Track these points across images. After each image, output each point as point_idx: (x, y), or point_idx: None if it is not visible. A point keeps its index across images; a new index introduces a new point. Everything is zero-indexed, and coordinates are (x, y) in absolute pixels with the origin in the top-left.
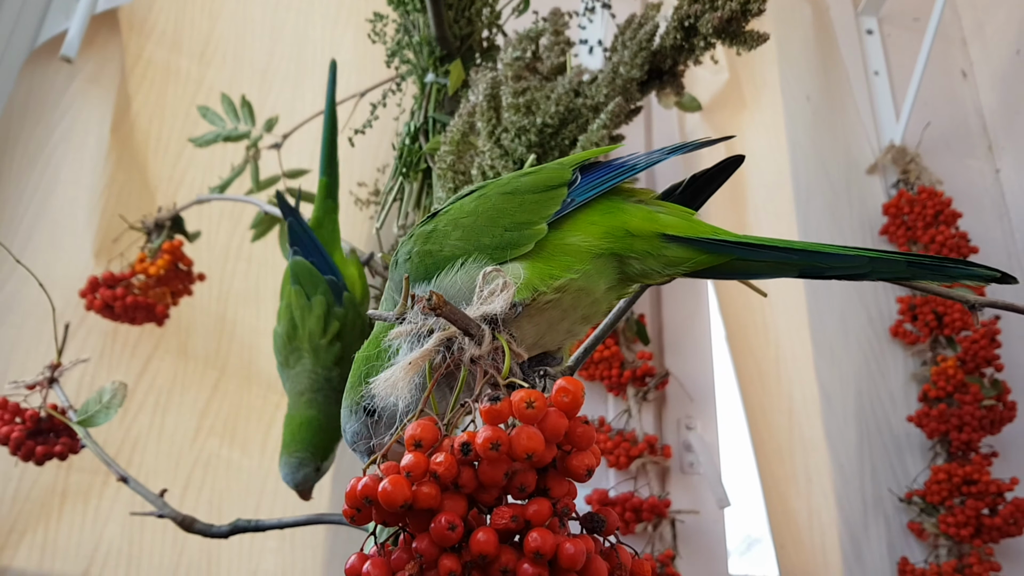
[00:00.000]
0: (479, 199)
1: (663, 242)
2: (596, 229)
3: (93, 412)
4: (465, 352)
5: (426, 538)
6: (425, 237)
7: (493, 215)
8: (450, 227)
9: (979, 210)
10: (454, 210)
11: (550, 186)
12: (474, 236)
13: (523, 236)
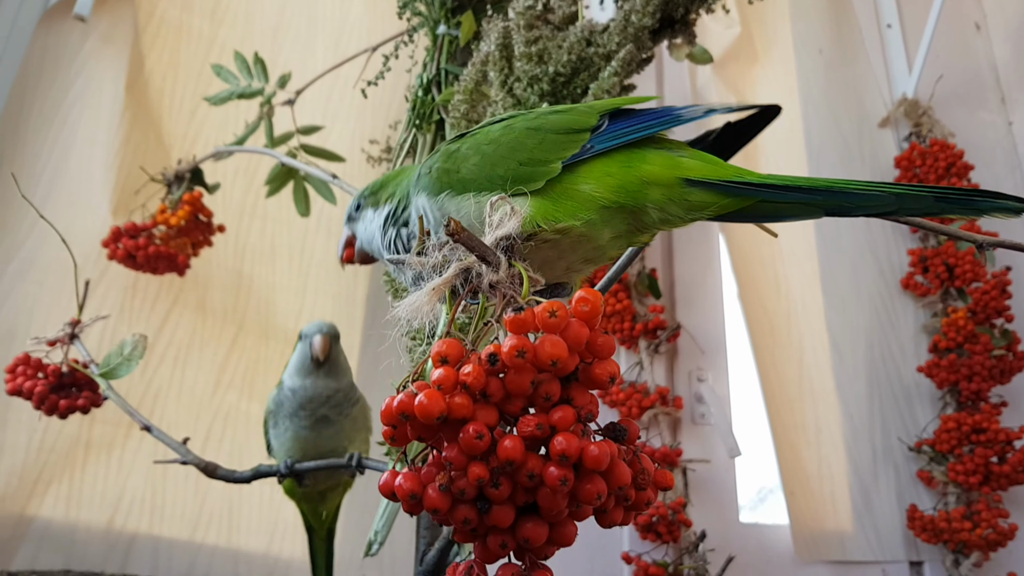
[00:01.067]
0: (504, 129)
1: (686, 187)
2: (610, 181)
3: (115, 365)
4: (483, 278)
5: (455, 448)
6: (448, 155)
7: (513, 147)
8: (471, 151)
9: (991, 163)
10: (480, 135)
11: (573, 128)
12: (489, 165)
13: (535, 173)
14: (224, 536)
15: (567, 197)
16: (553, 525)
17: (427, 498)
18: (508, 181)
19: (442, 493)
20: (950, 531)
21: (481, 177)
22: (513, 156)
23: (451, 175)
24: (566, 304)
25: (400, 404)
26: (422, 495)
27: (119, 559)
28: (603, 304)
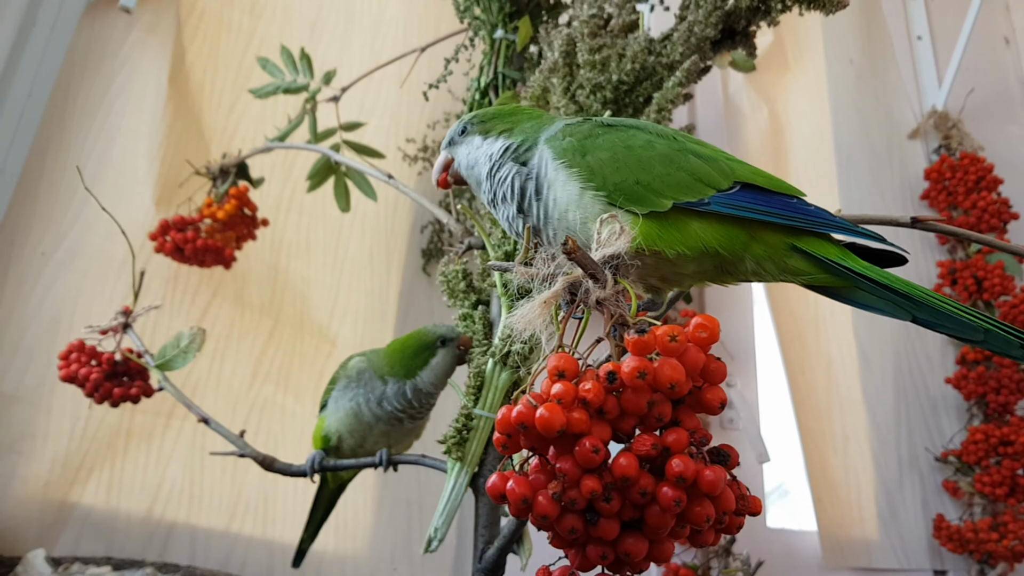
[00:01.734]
0: (646, 144)
1: (790, 252)
2: (721, 229)
3: (171, 356)
4: (591, 295)
5: (569, 460)
6: (586, 135)
7: (642, 164)
8: (605, 146)
9: (1019, 177)
10: (622, 135)
11: (703, 180)
12: (613, 168)
13: (647, 199)
14: (260, 527)
15: (675, 229)
16: (653, 542)
17: (537, 504)
18: (620, 192)
19: (553, 501)
20: (976, 541)
21: (600, 173)
22: (637, 173)
23: (578, 154)
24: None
25: (519, 415)
26: (533, 501)
27: (158, 547)
28: (719, 330)
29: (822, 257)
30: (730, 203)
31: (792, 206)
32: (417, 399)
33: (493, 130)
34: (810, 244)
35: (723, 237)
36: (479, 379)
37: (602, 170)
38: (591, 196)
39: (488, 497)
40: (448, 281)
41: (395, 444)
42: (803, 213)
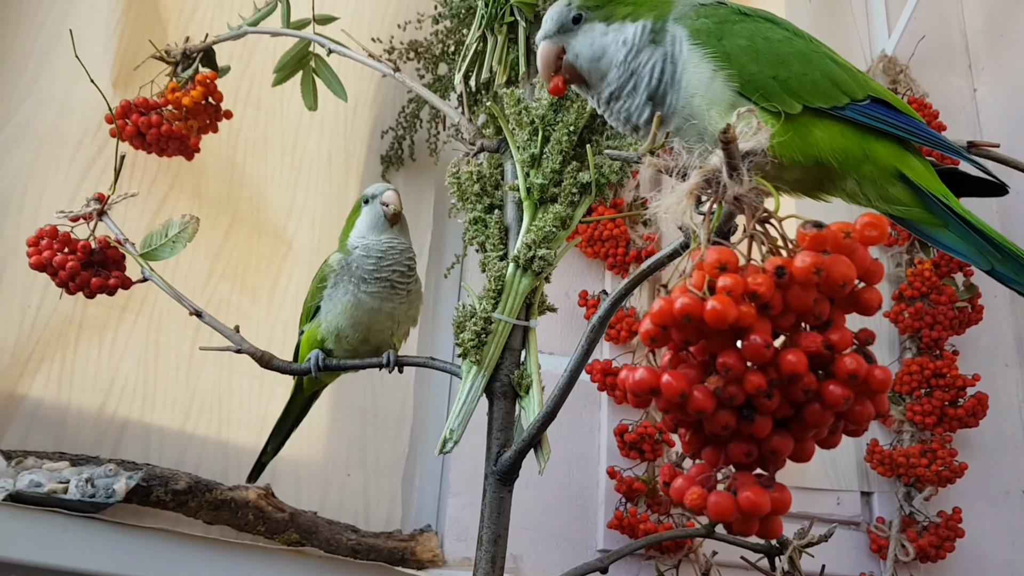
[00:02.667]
0: (785, 39)
1: (896, 180)
2: (841, 141)
3: (158, 245)
4: (729, 190)
5: (734, 354)
6: (721, 19)
7: (781, 59)
8: (743, 33)
9: (956, 126)
10: (760, 25)
11: (840, 87)
12: (751, 58)
13: (780, 98)
14: (215, 427)
15: (797, 133)
16: (798, 440)
17: (693, 399)
18: (753, 84)
19: (712, 396)
20: (907, 466)
21: (737, 60)
22: (775, 67)
23: (714, 37)
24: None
25: (684, 307)
26: (689, 395)
27: (110, 444)
28: (888, 229)
29: (926, 190)
30: (866, 112)
31: (918, 126)
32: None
33: (615, 14)
34: (918, 174)
35: (840, 150)
36: (499, 283)
37: (739, 57)
38: (722, 81)
39: (504, 401)
40: (460, 182)
41: (396, 329)
42: (928, 134)
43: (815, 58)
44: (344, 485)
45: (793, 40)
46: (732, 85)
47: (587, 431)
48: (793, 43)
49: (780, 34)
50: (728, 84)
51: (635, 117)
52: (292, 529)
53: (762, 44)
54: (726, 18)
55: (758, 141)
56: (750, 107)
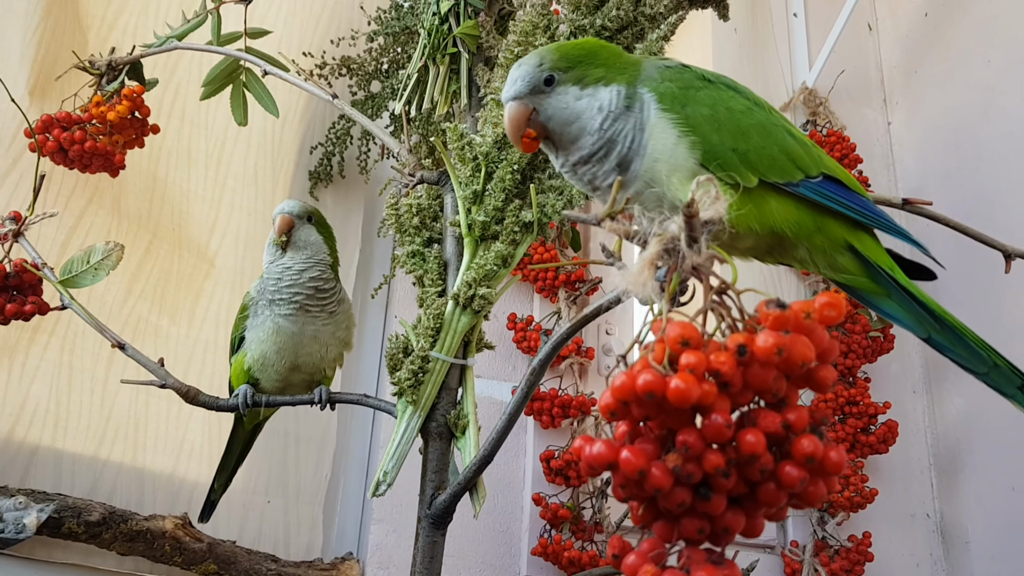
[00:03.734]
0: (747, 110)
1: (845, 251)
2: (795, 214)
3: (78, 272)
4: (687, 260)
5: (694, 432)
6: (687, 85)
7: (742, 131)
8: (707, 101)
9: (871, 158)
10: (724, 94)
11: (793, 160)
12: (713, 128)
13: (737, 170)
14: (130, 454)
15: (754, 204)
16: (750, 517)
17: (652, 477)
18: (713, 155)
19: (670, 474)
20: None
21: (701, 130)
22: (735, 138)
23: (677, 103)
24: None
25: (648, 384)
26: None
27: (19, 471)
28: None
29: (873, 262)
30: (818, 190)
31: (866, 204)
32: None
33: (588, 77)
34: (867, 247)
35: (795, 221)
36: (437, 321)
37: (702, 126)
38: (686, 149)
39: (439, 442)
40: (399, 215)
41: (325, 355)
42: (875, 213)
43: (774, 131)
44: (264, 512)
45: (754, 111)
46: (694, 154)
47: (513, 456)
48: (754, 114)
49: (742, 104)
50: (691, 152)
51: (599, 180)
52: (210, 560)
53: (724, 114)
54: (690, 84)
55: (716, 211)
56: (709, 176)
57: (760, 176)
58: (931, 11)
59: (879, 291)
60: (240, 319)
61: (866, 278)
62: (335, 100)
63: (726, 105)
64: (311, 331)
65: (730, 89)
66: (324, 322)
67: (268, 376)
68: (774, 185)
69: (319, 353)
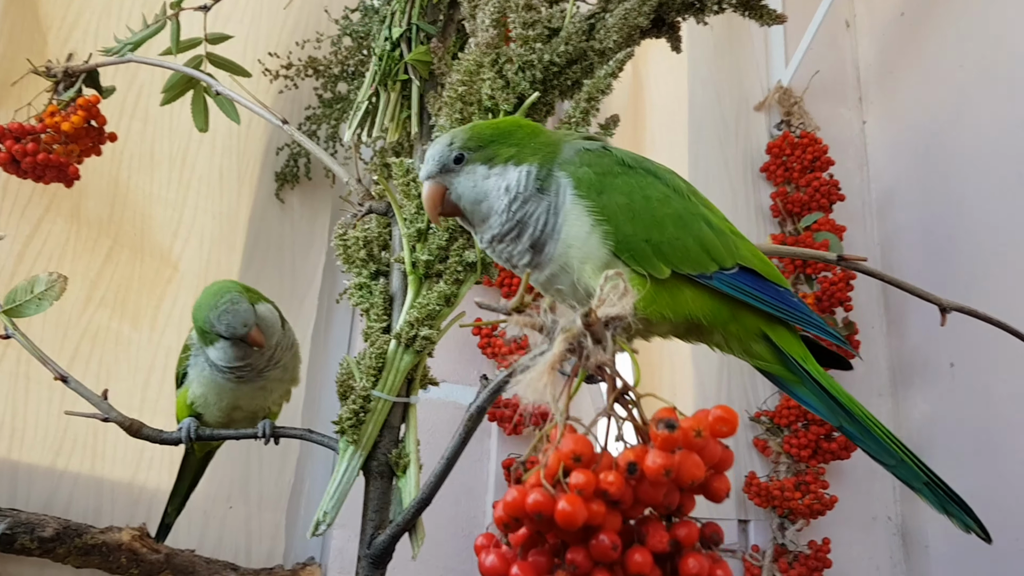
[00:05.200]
0: (663, 199)
1: (759, 339)
2: (710, 303)
3: (23, 302)
4: (591, 358)
5: (581, 551)
6: (604, 171)
7: (655, 222)
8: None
9: (845, 157)
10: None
11: (708, 252)
12: (627, 218)
13: (649, 262)
14: (88, 463)
15: (668, 294)
16: None
17: None
18: (626, 246)
19: None
20: (782, 499)
21: (614, 218)
22: (649, 229)
23: (594, 190)
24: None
25: (537, 504)
26: None
27: None
28: (738, 422)
29: (786, 352)
30: (732, 283)
31: (781, 296)
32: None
33: (498, 156)
34: (780, 336)
35: (710, 311)
36: (380, 360)
37: (616, 215)
38: (599, 238)
39: (380, 480)
40: (347, 247)
41: (269, 395)
42: (790, 305)
43: (690, 221)
44: (225, 519)
45: (671, 200)
46: (607, 243)
47: (475, 460)
48: (671, 203)
49: (659, 192)
50: (603, 242)
51: (516, 259)
52: (168, 570)
53: (640, 203)
54: (608, 169)
55: (623, 307)
56: (618, 270)
57: (673, 267)
58: (907, 11)
59: (792, 379)
60: (183, 358)
61: (780, 365)
62: (284, 126)
63: (643, 193)
64: (253, 386)
65: (650, 175)
66: (271, 376)
67: (211, 413)
68: (689, 276)
69: (262, 396)
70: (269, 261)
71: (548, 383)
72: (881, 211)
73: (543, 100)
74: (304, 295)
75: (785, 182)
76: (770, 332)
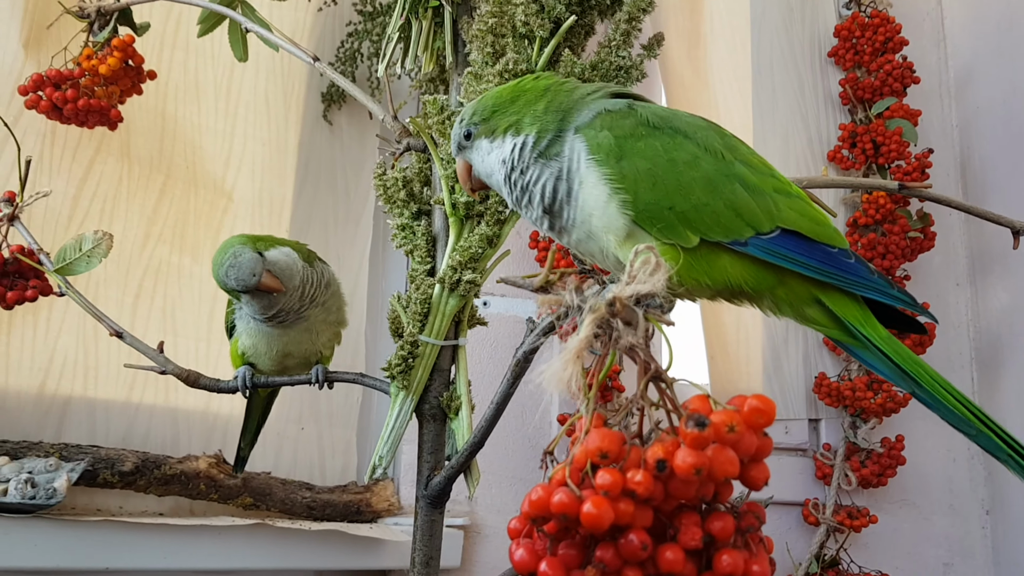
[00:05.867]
0: (691, 160)
1: (812, 302)
2: (751, 270)
3: (72, 260)
4: (622, 339)
5: (611, 549)
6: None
7: (681, 186)
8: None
9: (920, 35)
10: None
11: (741, 216)
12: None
13: (675, 230)
14: (162, 395)
15: (704, 260)
16: None
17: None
18: (648, 214)
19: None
20: (853, 399)
21: (634, 185)
22: (673, 196)
23: (613, 155)
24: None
25: (561, 505)
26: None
27: (54, 425)
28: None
29: (842, 317)
30: (770, 248)
31: (832, 259)
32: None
33: (498, 128)
34: (834, 301)
35: (752, 278)
36: (425, 306)
37: (636, 182)
38: (617, 207)
39: (433, 423)
40: (386, 188)
41: (316, 339)
42: (841, 269)
43: (721, 183)
44: (298, 439)
45: (700, 161)
46: (627, 213)
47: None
48: (700, 165)
49: (687, 153)
50: (622, 211)
51: (538, 226)
52: (245, 494)
53: (664, 168)
54: (631, 132)
55: (655, 284)
56: (649, 244)
57: (701, 235)
58: None
59: (854, 343)
60: (228, 311)
61: (838, 330)
62: (316, 63)
63: (668, 156)
64: (298, 329)
65: (678, 135)
66: (315, 316)
67: (262, 362)
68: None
69: (309, 340)
70: (322, 184)
71: (574, 373)
72: (960, 91)
73: (581, 22)
74: (359, 216)
75: (855, 66)
76: (823, 296)
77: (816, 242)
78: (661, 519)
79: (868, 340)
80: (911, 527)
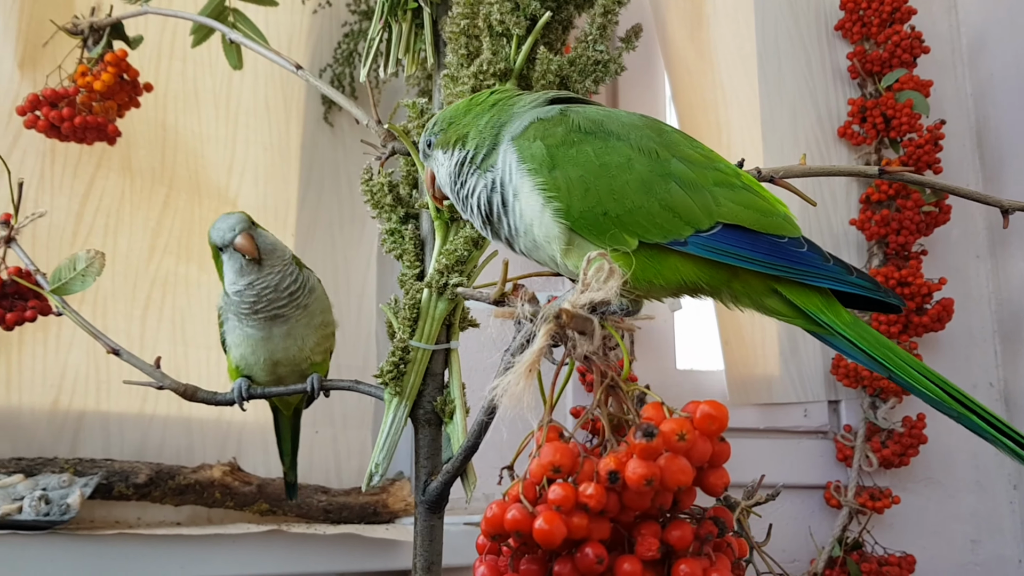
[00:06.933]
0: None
1: (770, 293)
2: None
3: (67, 280)
4: (578, 349)
5: (568, 563)
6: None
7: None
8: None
9: (929, 3)
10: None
11: (679, 215)
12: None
13: (613, 235)
14: (175, 406)
15: (653, 261)
16: None
17: None
18: (583, 221)
19: None
20: (871, 378)
21: (566, 194)
22: (606, 202)
23: (545, 165)
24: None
25: (514, 522)
26: None
27: (68, 440)
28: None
29: (802, 307)
30: (710, 246)
31: (779, 250)
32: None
33: (450, 140)
34: (792, 291)
35: (703, 274)
36: (414, 311)
37: (569, 190)
38: (551, 216)
39: (428, 428)
40: (373, 193)
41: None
42: (790, 259)
43: (655, 183)
44: (313, 443)
45: (633, 164)
46: (561, 221)
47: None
48: (632, 168)
49: (619, 157)
50: (556, 219)
51: (486, 235)
52: (261, 500)
53: (595, 174)
54: (562, 140)
55: (608, 291)
56: (602, 251)
57: (639, 238)
58: None
59: (820, 330)
60: (219, 324)
61: (800, 319)
62: (299, 71)
63: (600, 161)
64: (280, 332)
65: (611, 138)
66: (297, 320)
67: (256, 372)
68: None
69: (296, 347)
70: (325, 186)
71: (527, 387)
72: (972, 58)
73: (557, 18)
74: (364, 218)
75: (863, 39)
76: (779, 287)
77: (761, 234)
78: (620, 531)
79: (831, 327)
80: (936, 506)
